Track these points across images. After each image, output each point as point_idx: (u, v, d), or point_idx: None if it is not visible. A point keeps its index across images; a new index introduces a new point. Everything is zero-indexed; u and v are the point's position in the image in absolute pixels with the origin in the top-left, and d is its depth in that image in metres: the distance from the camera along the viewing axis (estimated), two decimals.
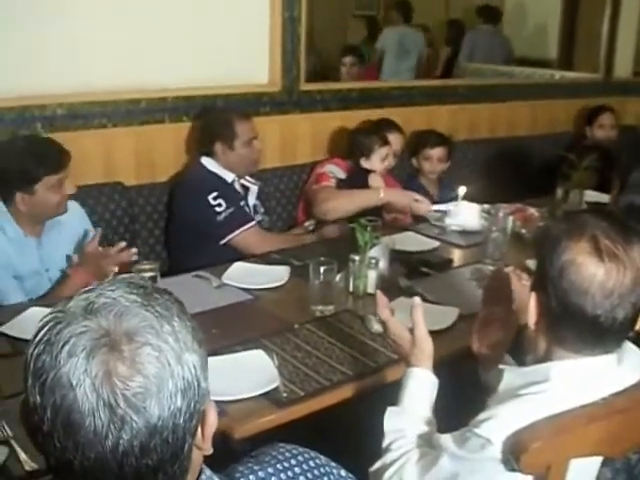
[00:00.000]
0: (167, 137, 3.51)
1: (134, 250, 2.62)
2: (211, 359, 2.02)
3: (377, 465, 1.66)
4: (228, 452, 1.58)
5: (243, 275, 2.75)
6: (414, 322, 1.80)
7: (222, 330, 2.29)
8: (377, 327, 2.34)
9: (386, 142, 3.66)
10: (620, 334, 1.45)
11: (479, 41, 7.32)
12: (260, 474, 1.07)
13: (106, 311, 0.90)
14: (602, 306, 1.39)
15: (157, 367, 0.88)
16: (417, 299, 1.85)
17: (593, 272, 1.38)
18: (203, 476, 1.00)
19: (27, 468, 1.61)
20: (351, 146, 3.73)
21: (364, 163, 3.64)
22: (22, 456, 1.64)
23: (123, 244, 2.63)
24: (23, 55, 3.03)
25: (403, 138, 3.93)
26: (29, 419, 0.89)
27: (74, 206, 2.84)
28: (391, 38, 7.33)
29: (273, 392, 1.97)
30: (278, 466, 1.09)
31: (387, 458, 1.65)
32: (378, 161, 3.63)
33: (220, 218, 3.24)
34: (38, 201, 2.62)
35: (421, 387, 1.76)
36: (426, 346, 1.79)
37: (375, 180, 3.60)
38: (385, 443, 1.69)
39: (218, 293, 2.63)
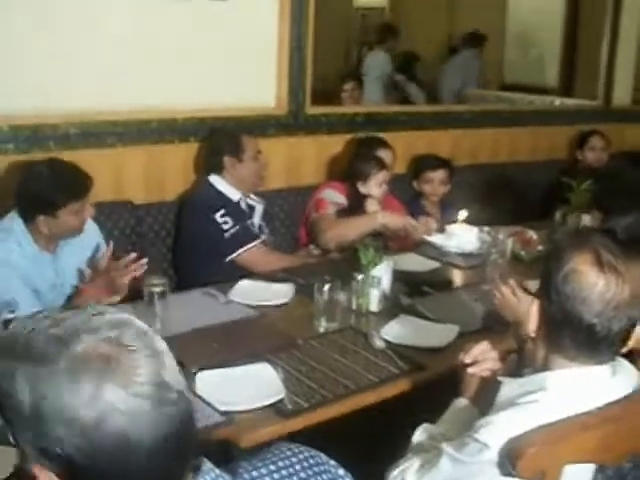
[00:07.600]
0: (176, 157, 3.58)
1: (144, 260, 2.64)
2: (220, 371, 2.11)
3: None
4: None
5: (249, 292, 2.81)
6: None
7: (228, 344, 2.36)
8: (379, 343, 2.40)
9: (383, 167, 3.66)
10: (613, 346, 1.52)
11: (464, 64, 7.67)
12: (262, 470, 1.12)
13: None
14: (599, 315, 1.46)
15: None
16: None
17: (594, 281, 1.46)
18: (204, 467, 1.03)
19: None
20: (349, 170, 3.75)
21: (362, 188, 3.64)
22: None
23: (133, 255, 2.64)
24: (37, 75, 3.12)
25: (392, 153, 3.92)
26: None
27: (88, 221, 2.89)
28: None
29: (279, 403, 2.02)
30: (279, 463, 1.15)
31: (399, 462, 1.73)
32: (375, 186, 3.63)
33: (227, 235, 3.30)
34: (59, 224, 2.68)
35: (458, 413, 1.86)
36: (475, 381, 1.88)
37: (372, 205, 3.61)
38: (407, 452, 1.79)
39: (225, 309, 2.68)
